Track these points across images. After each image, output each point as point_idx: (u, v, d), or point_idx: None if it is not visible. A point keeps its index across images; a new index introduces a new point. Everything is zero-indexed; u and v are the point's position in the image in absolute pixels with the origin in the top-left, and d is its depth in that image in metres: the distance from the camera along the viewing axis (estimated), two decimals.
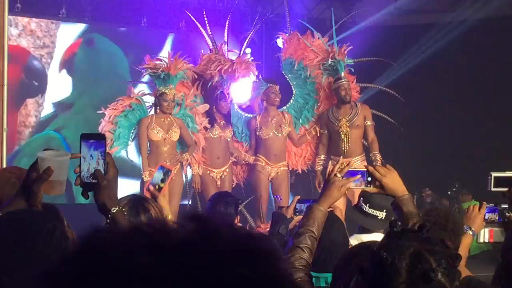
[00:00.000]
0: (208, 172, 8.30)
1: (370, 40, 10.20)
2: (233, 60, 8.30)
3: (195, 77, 8.24)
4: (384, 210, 4.01)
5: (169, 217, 3.40)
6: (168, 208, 3.44)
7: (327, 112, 8.66)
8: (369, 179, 2.91)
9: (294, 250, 2.73)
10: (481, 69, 11.24)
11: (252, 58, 8.56)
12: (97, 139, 2.12)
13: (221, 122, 8.32)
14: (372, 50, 9.47)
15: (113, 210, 2.10)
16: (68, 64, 10.53)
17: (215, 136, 8.27)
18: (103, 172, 2.10)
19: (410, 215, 2.81)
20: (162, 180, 3.50)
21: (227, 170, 8.40)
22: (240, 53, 8.59)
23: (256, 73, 8.55)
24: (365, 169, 2.92)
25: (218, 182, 8.32)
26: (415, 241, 1.66)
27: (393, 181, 2.89)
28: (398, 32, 11.43)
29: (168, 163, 7.61)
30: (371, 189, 2.94)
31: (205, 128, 8.21)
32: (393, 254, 1.64)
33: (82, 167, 2.10)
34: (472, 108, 11.23)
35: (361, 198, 4.12)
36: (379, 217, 4.04)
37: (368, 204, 4.06)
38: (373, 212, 4.05)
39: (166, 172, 3.52)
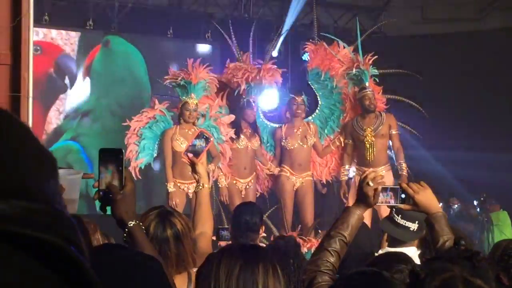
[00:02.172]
0: (234, 182, 8.34)
1: (396, 49, 10.22)
2: (260, 67, 8.37)
3: (217, 86, 8.24)
4: (417, 222, 3.98)
5: (206, 186, 3.39)
6: (206, 176, 3.41)
7: (352, 121, 8.66)
8: (403, 196, 2.91)
9: (321, 252, 2.72)
10: (509, 79, 11.19)
11: (276, 67, 8.65)
12: (115, 154, 2.17)
13: (248, 132, 8.35)
14: (398, 60, 9.49)
15: (130, 224, 2.14)
16: (87, 71, 10.59)
17: (242, 147, 8.30)
18: (120, 186, 2.15)
19: (442, 233, 2.82)
20: (201, 148, 3.40)
21: (252, 180, 8.45)
22: (265, 60, 8.63)
23: (281, 80, 8.61)
24: (398, 186, 2.92)
25: (243, 192, 8.37)
26: (459, 267, 1.63)
27: (427, 198, 2.89)
28: (425, 42, 11.43)
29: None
30: (404, 206, 2.93)
31: (231, 139, 8.29)
32: (428, 271, 1.61)
33: (101, 182, 2.17)
34: (498, 118, 11.18)
35: (394, 209, 4.12)
36: (411, 229, 4.03)
37: (400, 215, 4.05)
38: (405, 223, 4.04)
39: (206, 139, 3.42)
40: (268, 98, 8.72)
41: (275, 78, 8.43)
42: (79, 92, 10.56)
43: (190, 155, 3.33)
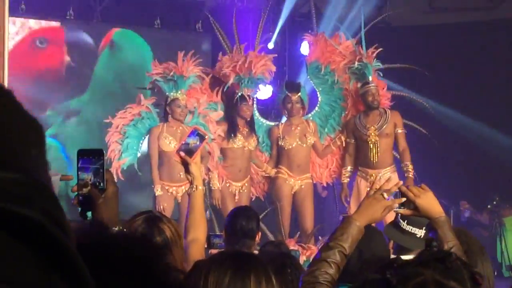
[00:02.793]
0: (228, 185, 8.35)
1: (402, 41, 10.21)
2: (247, 55, 8.30)
3: (209, 81, 8.25)
4: (424, 228, 3.99)
5: (200, 188, 3.39)
6: (200, 176, 3.39)
7: (354, 119, 8.66)
8: (402, 200, 2.92)
9: (320, 263, 2.72)
10: None
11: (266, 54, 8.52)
12: (95, 155, 2.18)
13: (244, 130, 8.36)
14: (404, 52, 9.49)
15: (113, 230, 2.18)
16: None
17: (238, 147, 8.30)
18: (101, 190, 2.16)
19: (445, 239, 2.82)
20: (195, 147, 3.36)
21: (246, 184, 8.45)
22: (254, 48, 8.55)
23: (274, 69, 8.54)
24: (397, 190, 2.93)
25: (236, 196, 8.38)
26: (431, 270, 1.64)
27: (428, 202, 2.90)
28: (433, 32, 11.42)
29: (181, 176, 7.71)
30: (404, 211, 2.95)
31: (225, 138, 8.24)
32: (399, 277, 1.63)
33: (80, 186, 2.17)
34: None
35: (399, 214, 4.11)
36: (418, 235, 4.01)
37: (406, 221, 4.04)
38: (411, 229, 4.02)
39: (201, 137, 3.37)
40: (262, 91, 8.74)
41: (268, 67, 8.35)
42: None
43: (183, 154, 3.31)
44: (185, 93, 7.93)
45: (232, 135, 8.25)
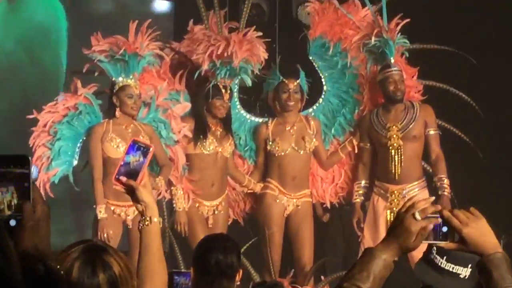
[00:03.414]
0: (197, 205, 8.35)
1: (441, 12, 10.17)
2: (229, 38, 8.27)
3: (166, 59, 8.26)
4: (470, 266, 3.98)
5: (155, 220, 3.36)
6: (154, 205, 3.38)
7: (370, 116, 8.69)
8: (444, 229, 2.89)
9: None
10: None
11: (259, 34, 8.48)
12: (16, 163, 2.18)
13: (217, 131, 8.38)
14: (442, 27, 9.47)
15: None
16: None
17: (209, 152, 8.31)
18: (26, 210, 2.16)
19: (503, 283, 2.83)
20: (139, 165, 3.32)
21: (222, 203, 8.46)
22: (240, 28, 8.58)
23: (266, 56, 8.52)
24: (438, 215, 2.88)
25: (210, 221, 8.38)
26: None
27: (480, 232, 2.87)
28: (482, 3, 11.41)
29: None
30: (447, 244, 2.92)
31: (191, 141, 8.24)
32: None
33: None
34: None
35: (434, 248, 4.07)
36: (462, 276, 4.02)
37: (445, 257, 4.01)
38: (452, 268, 4.00)
39: (144, 151, 3.33)
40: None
41: (254, 51, 8.34)
42: None
43: (124, 178, 3.28)
44: (138, 78, 7.92)
45: (201, 137, 8.26)
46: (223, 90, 8.29)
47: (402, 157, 8.48)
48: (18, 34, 10.41)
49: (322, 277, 8.31)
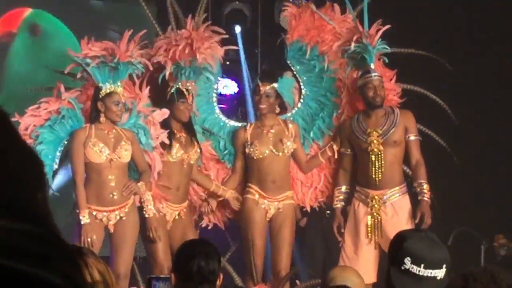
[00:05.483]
0: (162, 206, 8.29)
1: (418, 17, 10.19)
2: (189, 36, 8.25)
3: (149, 66, 8.25)
4: (444, 266, 4.00)
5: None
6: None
7: (350, 121, 8.68)
8: None
9: None
10: None
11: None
12: None
13: (182, 137, 8.36)
14: (422, 31, 9.47)
15: None
16: None
17: (175, 160, 8.29)
18: None
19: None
20: None
21: (184, 209, 8.43)
22: (198, 24, 8.48)
23: (222, 53, 8.54)
24: None
25: (169, 225, 8.35)
26: None
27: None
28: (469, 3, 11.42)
29: (115, 197, 7.70)
30: None
31: (163, 146, 8.21)
32: None
33: None
34: None
35: (408, 258, 4.02)
36: (439, 278, 4.03)
37: (423, 265, 4.01)
38: (431, 273, 4.02)
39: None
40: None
41: (215, 51, 8.36)
42: None
43: None
44: (122, 85, 7.93)
45: (168, 144, 8.25)
46: (186, 93, 8.28)
47: (383, 163, 8.46)
48: (37, 63, 10.52)
49: (298, 282, 8.33)
